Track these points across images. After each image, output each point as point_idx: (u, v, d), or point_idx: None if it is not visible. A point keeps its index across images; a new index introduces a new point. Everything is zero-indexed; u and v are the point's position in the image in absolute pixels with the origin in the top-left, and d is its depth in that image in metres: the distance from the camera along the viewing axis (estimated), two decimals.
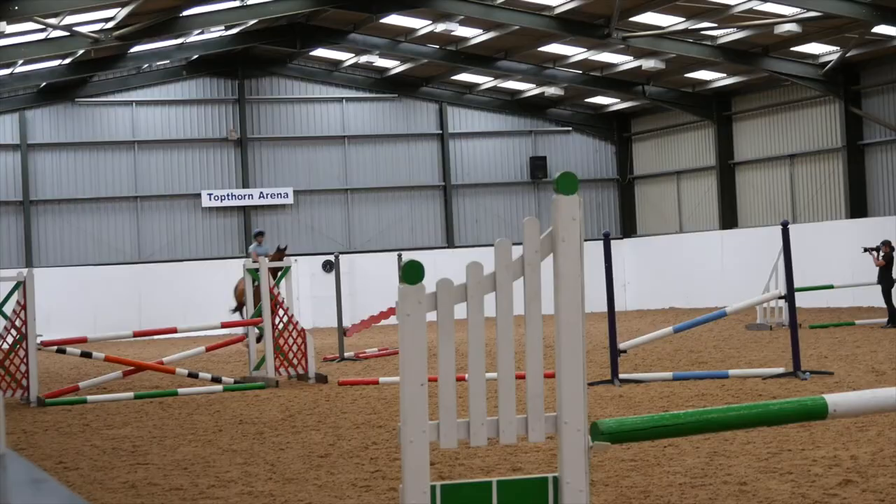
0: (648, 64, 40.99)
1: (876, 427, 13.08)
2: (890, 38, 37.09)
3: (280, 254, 29.32)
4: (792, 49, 39.06)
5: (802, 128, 42.72)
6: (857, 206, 40.17)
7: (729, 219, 45.41)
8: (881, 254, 29.56)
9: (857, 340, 25.62)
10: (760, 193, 44.60)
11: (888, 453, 11.55)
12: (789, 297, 19.69)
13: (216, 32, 41.50)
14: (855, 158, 40.34)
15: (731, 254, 43.58)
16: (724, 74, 43.32)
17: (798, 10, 34.19)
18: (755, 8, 34.80)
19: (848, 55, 38.32)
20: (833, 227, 40.20)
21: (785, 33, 35.77)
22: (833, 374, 18.99)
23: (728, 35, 37.99)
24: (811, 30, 36.41)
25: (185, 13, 35.84)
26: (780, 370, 19.41)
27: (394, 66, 45.95)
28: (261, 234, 33.65)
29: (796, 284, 20.91)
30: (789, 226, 19.59)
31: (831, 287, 33.02)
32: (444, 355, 7.10)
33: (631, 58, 41.74)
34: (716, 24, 36.62)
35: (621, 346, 20.35)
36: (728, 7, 35.08)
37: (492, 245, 7.36)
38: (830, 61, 39.04)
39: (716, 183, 45.83)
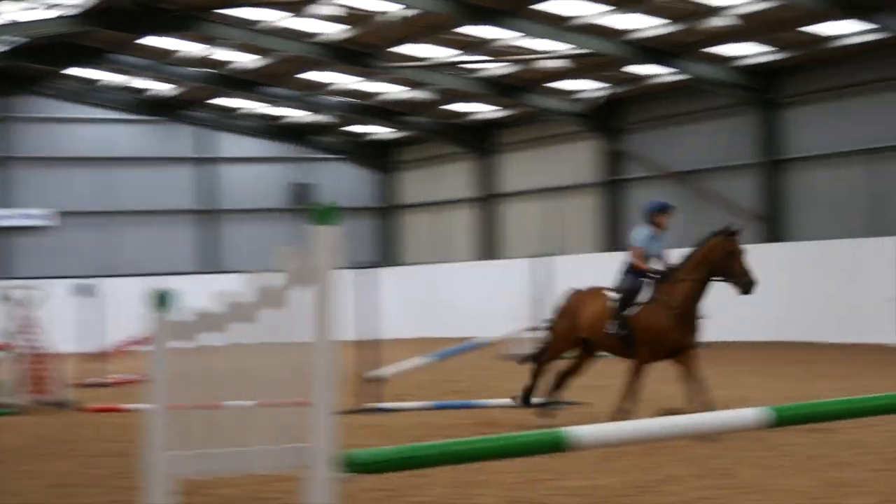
0: (415, 94, 41.32)
1: (628, 457, 13.29)
2: (650, 76, 38.11)
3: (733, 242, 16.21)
4: (555, 85, 39.80)
5: (564, 162, 43.52)
6: (613, 240, 41.06)
7: (490, 250, 45.94)
8: None
9: (613, 371, 26.06)
10: (521, 225, 45.24)
11: (634, 482, 11.74)
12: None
13: None
14: (613, 193, 41.24)
15: (492, 284, 44.02)
16: (489, 107, 43.90)
17: (562, 46, 34.86)
18: (519, 44, 35.36)
19: (609, 92, 39.21)
20: (589, 260, 40.93)
21: (549, 69, 36.46)
22: (590, 404, 19.28)
23: (493, 69, 38.52)
24: (575, 67, 37.17)
25: None
26: (538, 400, 19.59)
27: (157, 88, 45.33)
28: (666, 208, 17.72)
29: None
30: (547, 258, 19.86)
31: None
32: (192, 383, 6.97)
33: (398, 88, 42.00)
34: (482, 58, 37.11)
35: (379, 374, 20.34)
36: (493, 41, 35.57)
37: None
38: (592, 98, 39.89)
39: (479, 214, 46.33)
